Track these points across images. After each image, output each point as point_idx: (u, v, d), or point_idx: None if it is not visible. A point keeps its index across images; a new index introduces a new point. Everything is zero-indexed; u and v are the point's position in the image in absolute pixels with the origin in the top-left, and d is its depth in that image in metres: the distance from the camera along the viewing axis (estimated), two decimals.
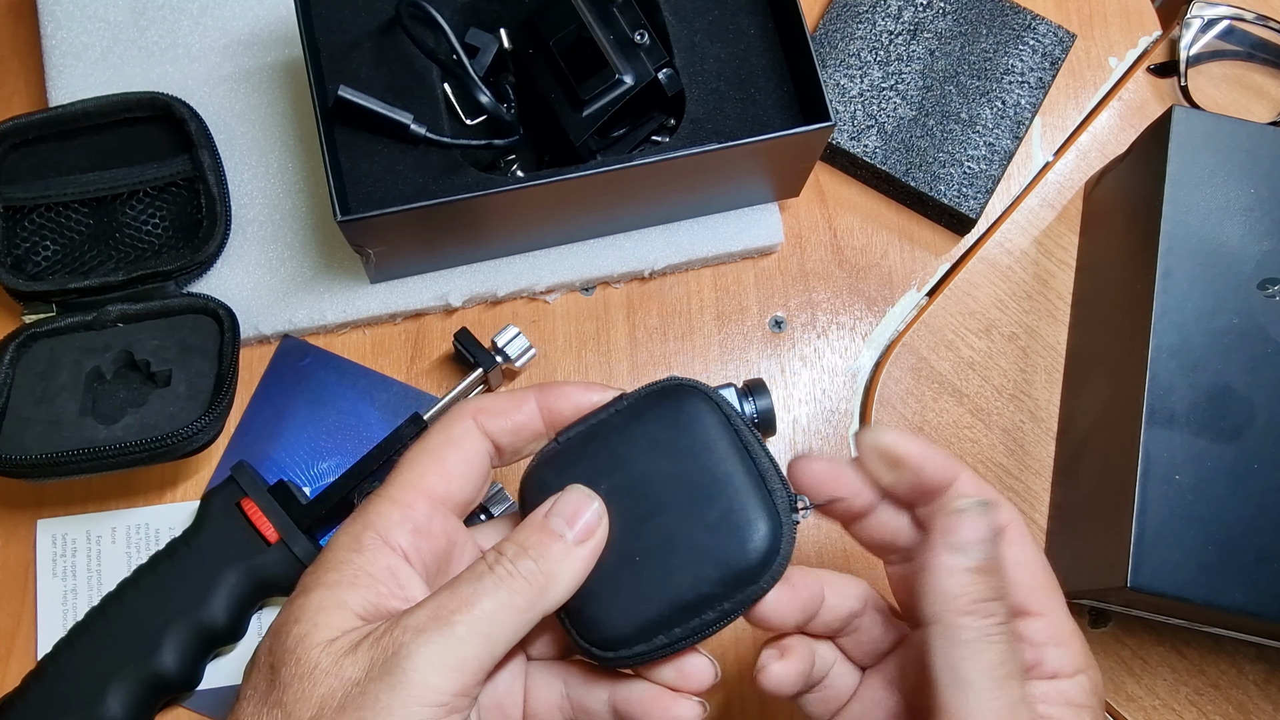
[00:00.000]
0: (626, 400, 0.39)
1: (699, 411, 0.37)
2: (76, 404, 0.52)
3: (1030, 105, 0.61)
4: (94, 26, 0.59)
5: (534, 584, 0.35)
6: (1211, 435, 0.48)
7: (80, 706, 0.47)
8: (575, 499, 0.36)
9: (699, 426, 0.37)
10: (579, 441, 0.38)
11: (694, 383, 0.38)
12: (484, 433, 0.38)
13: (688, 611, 0.36)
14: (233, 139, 0.58)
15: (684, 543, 0.36)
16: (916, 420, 0.58)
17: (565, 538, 0.36)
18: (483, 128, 0.55)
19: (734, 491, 0.36)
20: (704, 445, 0.37)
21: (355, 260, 0.56)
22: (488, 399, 0.39)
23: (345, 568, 0.35)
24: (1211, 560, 0.46)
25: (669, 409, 0.38)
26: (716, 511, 0.36)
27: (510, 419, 0.39)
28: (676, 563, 0.36)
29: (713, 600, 0.36)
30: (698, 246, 0.59)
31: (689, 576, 0.36)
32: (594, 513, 0.36)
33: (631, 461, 0.37)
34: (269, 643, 0.35)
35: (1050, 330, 0.60)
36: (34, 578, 0.53)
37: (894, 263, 0.61)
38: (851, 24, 0.62)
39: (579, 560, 0.36)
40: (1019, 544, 0.38)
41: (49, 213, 0.55)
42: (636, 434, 0.38)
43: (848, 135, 0.60)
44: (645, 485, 0.37)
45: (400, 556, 0.36)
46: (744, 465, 0.37)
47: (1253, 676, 0.55)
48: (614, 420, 0.38)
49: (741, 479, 0.37)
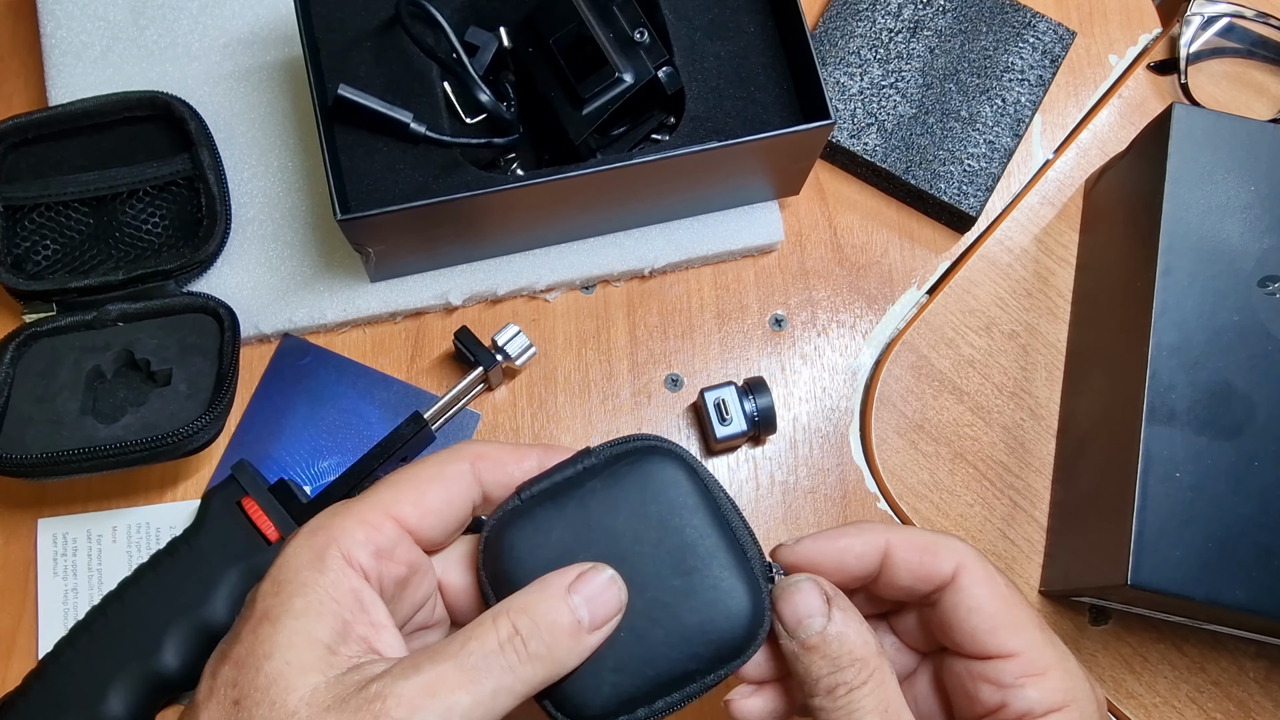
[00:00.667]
0: (593, 458, 0.37)
1: (674, 476, 0.36)
2: (77, 403, 0.52)
3: (1030, 103, 0.61)
4: (93, 25, 0.59)
5: (541, 670, 0.33)
6: (1212, 433, 0.48)
7: (81, 705, 0.47)
8: (601, 583, 0.35)
9: (675, 493, 0.36)
10: (546, 501, 0.37)
11: (667, 444, 0.37)
12: (478, 479, 0.37)
13: (671, 686, 0.35)
14: (232, 138, 0.58)
15: (666, 617, 0.36)
16: (917, 418, 0.58)
17: (583, 623, 0.34)
18: (482, 126, 0.55)
19: (714, 563, 0.36)
20: (680, 513, 0.36)
21: (355, 259, 0.56)
22: (493, 447, 0.38)
23: (310, 591, 0.33)
24: (1212, 558, 0.46)
25: (643, 473, 0.36)
26: (699, 584, 0.36)
27: (508, 472, 0.37)
28: (659, 638, 0.35)
29: (696, 674, 0.36)
30: (698, 245, 0.59)
31: (673, 653, 0.35)
32: (616, 602, 0.35)
33: (608, 530, 0.36)
34: (231, 673, 0.33)
35: (1050, 328, 0.60)
36: (35, 577, 0.53)
37: (894, 261, 0.61)
38: (851, 22, 0.62)
39: (589, 648, 0.34)
40: (971, 587, 0.37)
41: (49, 212, 0.55)
42: (610, 499, 0.36)
43: (848, 133, 0.60)
44: (624, 555, 0.36)
45: (361, 578, 0.34)
46: (721, 533, 0.36)
47: (1253, 674, 0.55)
48: (583, 480, 0.37)
49: (720, 549, 0.36)
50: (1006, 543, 0.56)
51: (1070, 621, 0.55)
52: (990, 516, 0.57)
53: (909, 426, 0.58)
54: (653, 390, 0.58)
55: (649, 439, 0.37)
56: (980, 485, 0.57)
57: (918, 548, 0.37)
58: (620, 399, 0.58)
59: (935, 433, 0.58)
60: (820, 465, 0.57)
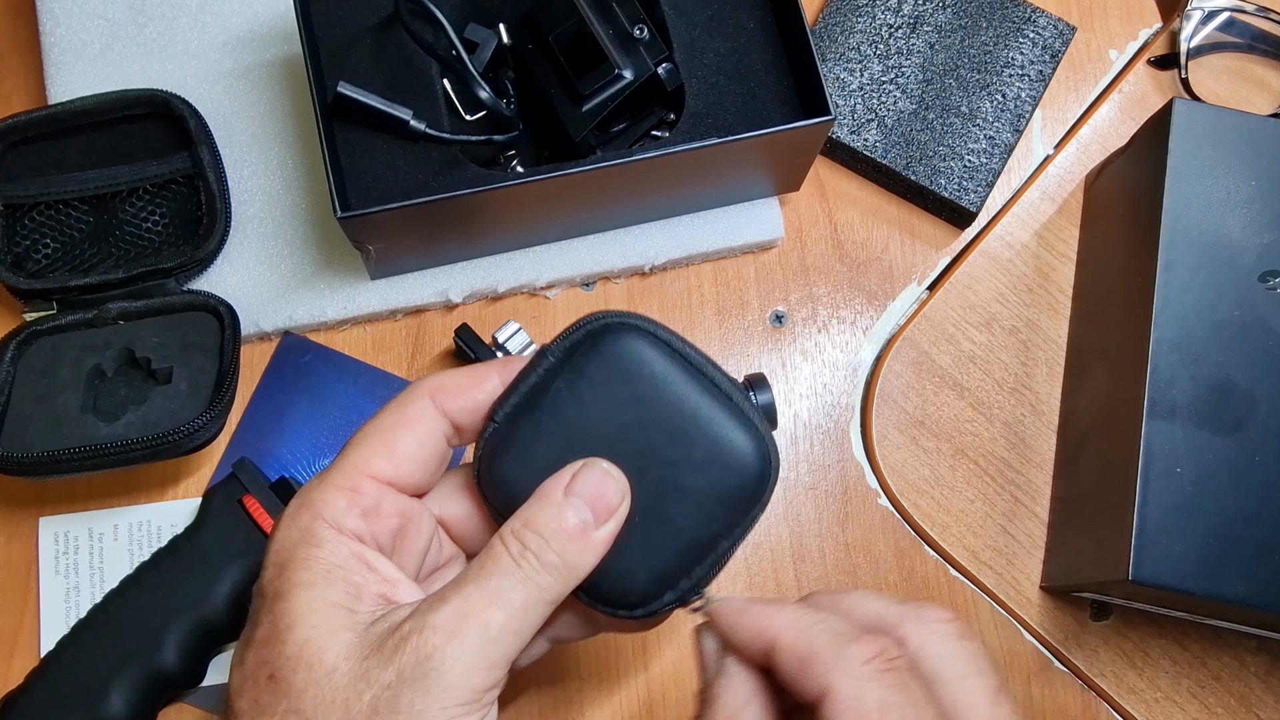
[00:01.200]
0: (550, 357, 0.36)
1: (635, 348, 0.35)
2: (78, 401, 0.52)
3: (1030, 98, 0.61)
4: (93, 24, 0.59)
5: (560, 576, 0.34)
6: (1213, 428, 0.48)
7: (83, 703, 0.47)
8: (596, 478, 0.35)
9: (641, 365, 0.35)
10: (520, 418, 0.36)
11: (615, 317, 0.36)
12: (442, 412, 0.36)
13: (704, 550, 0.35)
14: (232, 136, 0.58)
15: (675, 487, 0.35)
16: (918, 414, 0.58)
17: (587, 522, 0.34)
18: (482, 123, 0.55)
19: (704, 421, 0.35)
20: (654, 383, 0.35)
21: (355, 257, 0.56)
22: (447, 375, 0.37)
23: (311, 565, 0.33)
24: (1213, 553, 0.46)
25: (604, 356, 0.35)
26: (699, 448, 0.35)
27: (471, 397, 0.36)
28: (676, 509, 0.35)
29: (725, 532, 0.35)
30: (698, 241, 0.59)
31: (694, 519, 0.35)
32: (615, 492, 0.35)
33: (590, 422, 0.35)
34: (258, 653, 0.33)
35: (1051, 323, 0.60)
36: (36, 575, 0.53)
37: (894, 257, 0.61)
38: (851, 18, 0.62)
39: (602, 545, 0.35)
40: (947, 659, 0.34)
41: (49, 210, 0.55)
42: (581, 393, 0.35)
43: (848, 129, 0.60)
44: (613, 442, 0.35)
45: (357, 541, 0.34)
46: (704, 389, 0.36)
47: (1254, 669, 0.55)
48: (549, 384, 0.36)
49: (708, 406, 0.35)
50: (1007, 538, 0.56)
51: (1071, 617, 0.55)
52: (991, 512, 0.57)
53: (910, 422, 0.58)
54: None
55: (598, 318, 0.36)
56: (981, 481, 0.57)
57: (797, 656, 0.33)
58: None
59: (936, 428, 0.58)
60: (821, 461, 0.57)
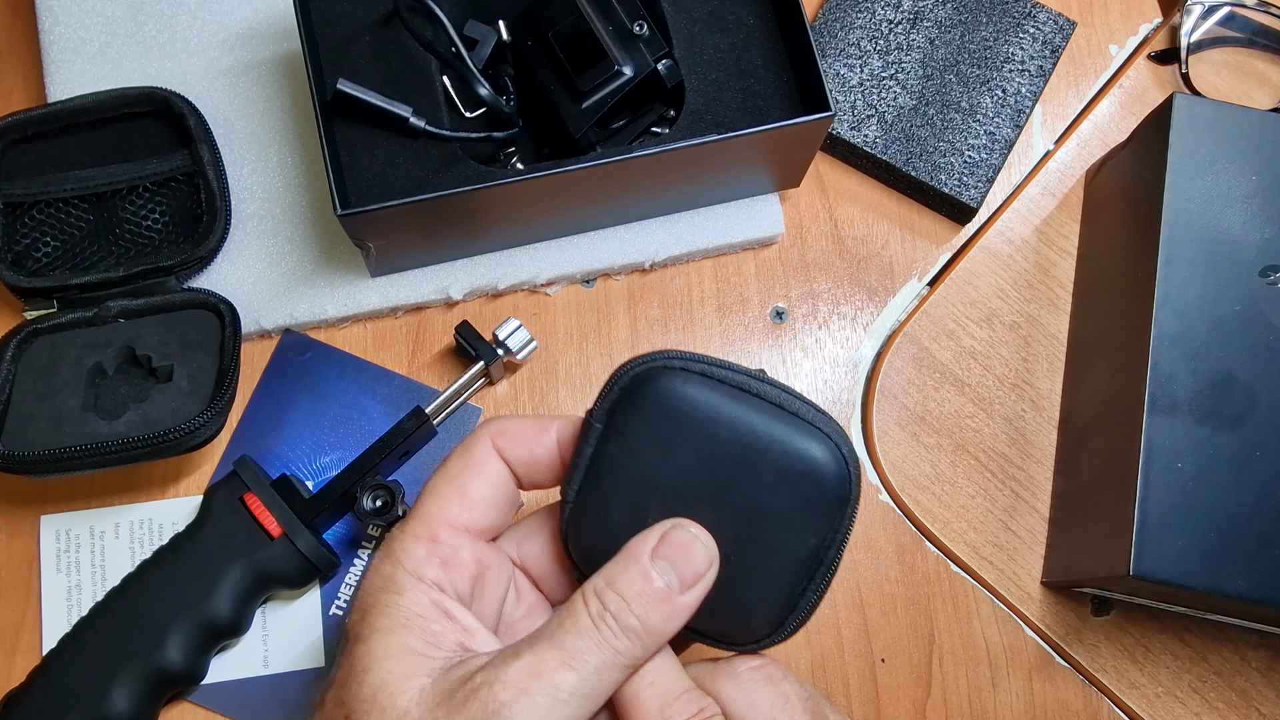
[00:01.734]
0: (599, 423, 0.36)
1: (674, 388, 0.35)
2: (79, 400, 0.52)
3: (1031, 93, 0.61)
4: (92, 21, 0.59)
5: (640, 643, 0.33)
6: (1213, 423, 0.48)
7: (85, 701, 0.47)
8: (682, 542, 0.34)
9: (686, 403, 0.35)
10: (589, 490, 0.36)
11: (643, 364, 0.36)
12: (502, 458, 0.37)
13: (810, 564, 0.35)
14: (232, 133, 0.58)
15: (761, 514, 0.35)
16: (918, 410, 0.58)
17: (672, 587, 0.33)
18: (482, 120, 0.55)
19: (765, 440, 0.34)
20: (704, 417, 0.35)
21: (356, 254, 0.56)
22: (508, 421, 0.37)
23: (392, 612, 0.34)
24: (1214, 548, 0.46)
25: (649, 406, 0.35)
26: (766, 468, 0.34)
27: (530, 448, 0.37)
28: (769, 535, 0.35)
29: (826, 540, 0.35)
30: (698, 238, 0.59)
31: (790, 538, 0.34)
32: (705, 558, 0.34)
33: (659, 475, 0.35)
34: (336, 693, 0.33)
35: (1052, 319, 0.60)
36: (38, 574, 0.53)
37: (895, 252, 0.61)
38: (851, 13, 0.62)
39: (686, 610, 0.34)
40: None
41: (49, 209, 0.55)
42: (639, 449, 0.35)
43: (848, 125, 0.60)
44: (688, 488, 0.35)
45: (436, 590, 0.35)
46: (751, 407, 0.35)
47: (1255, 664, 0.55)
48: (604, 450, 0.36)
49: (761, 423, 0.35)
50: (1008, 534, 0.56)
51: (1073, 612, 0.55)
52: (992, 508, 0.57)
53: (910, 418, 0.58)
54: None
55: (626, 370, 0.36)
56: (982, 477, 0.57)
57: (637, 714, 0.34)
58: None
59: (937, 424, 0.58)
60: None
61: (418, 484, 0.55)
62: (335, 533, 0.54)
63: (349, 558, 0.54)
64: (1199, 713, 0.54)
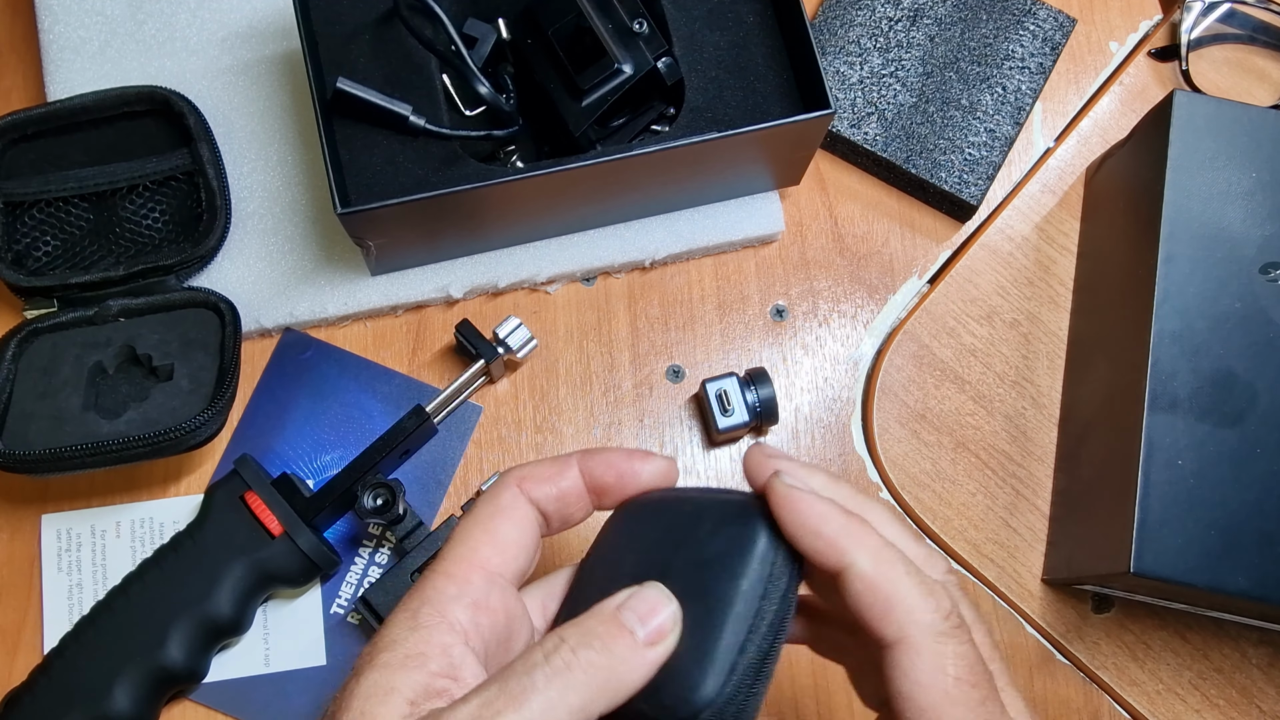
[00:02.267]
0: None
1: (638, 497, 0.39)
2: (79, 399, 0.52)
3: (1031, 91, 0.61)
4: (91, 20, 0.59)
5: (594, 678, 0.32)
6: (1214, 420, 0.48)
7: (87, 700, 0.47)
8: (652, 596, 0.34)
9: (649, 498, 0.38)
10: (574, 594, 0.39)
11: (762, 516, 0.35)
12: (530, 500, 0.38)
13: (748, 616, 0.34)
14: (232, 132, 0.58)
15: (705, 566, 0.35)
16: (919, 408, 0.58)
17: (636, 634, 0.33)
18: (482, 119, 0.55)
19: (714, 499, 0.37)
20: (662, 502, 0.38)
21: (356, 253, 0.56)
22: (530, 467, 0.38)
23: (399, 646, 0.34)
24: (1214, 545, 0.46)
25: (620, 513, 0.39)
26: (710, 519, 0.36)
27: (555, 485, 0.38)
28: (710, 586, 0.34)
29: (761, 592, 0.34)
30: (698, 236, 0.59)
31: (727, 586, 0.34)
32: (670, 616, 0.34)
33: (623, 560, 0.37)
34: None
35: (1052, 316, 0.60)
36: (39, 573, 0.53)
37: (895, 250, 0.61)
38: (851, 10, 0.62)
39: (647, 665, 0.33)
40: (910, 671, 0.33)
41: (49, 208, 0.55)
42: (607, 549, 0.39)
43: (848, 122, 0.60)
44: (646, 561, 0.36)
45: (458, 634, 0.34)
46: (706, 491, 0.38)
47: (1256, 660, 0.55)
48: (586, 562, 0.39)
49: (714, 492, 0.38)
50: (1009, 531, 0.56)
51: (1073, 609, 0.55)
52: (993, 505, 0.57)
53: (911, 416, 0.58)
54: (654, 382, 0.58)
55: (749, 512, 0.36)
56: (982, 474, 0.57)
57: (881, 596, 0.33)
58: (622, 391, 0.58)
59: (937, 422, 0.58)
60: (822, 455, 0.57)
61: (418, 482, 0.55)
62: (336, 531, 0.54)
63: (350, 556, 0.54)
64: (1200, 709, 0.54)
